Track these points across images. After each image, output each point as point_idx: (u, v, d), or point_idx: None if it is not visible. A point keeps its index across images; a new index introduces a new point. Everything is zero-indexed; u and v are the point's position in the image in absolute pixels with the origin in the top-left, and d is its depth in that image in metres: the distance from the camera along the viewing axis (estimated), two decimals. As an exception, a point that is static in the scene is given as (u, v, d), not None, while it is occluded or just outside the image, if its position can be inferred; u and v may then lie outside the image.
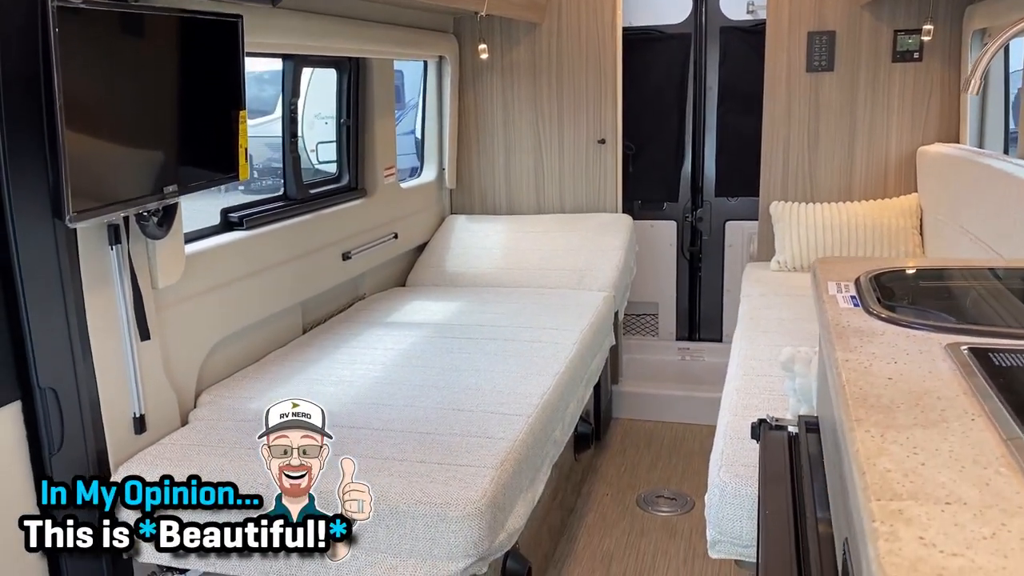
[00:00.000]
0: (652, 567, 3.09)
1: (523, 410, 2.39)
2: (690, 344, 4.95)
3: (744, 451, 2.05)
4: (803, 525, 1.36)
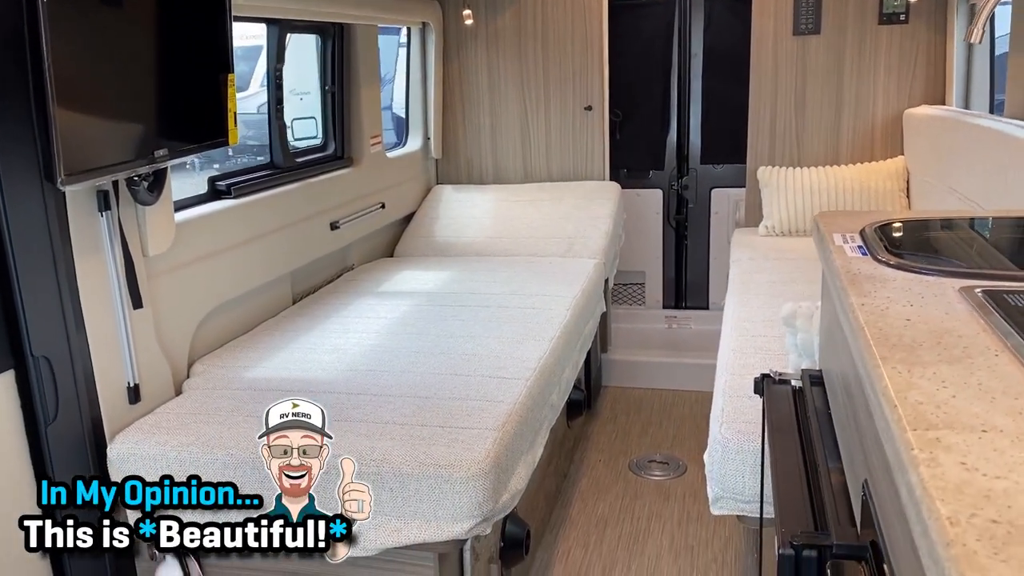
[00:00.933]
0: (647, 530, 3.11)
1: (521, 374, 2.38)
2: (677, 312, 4.97)
3: (744, 409, 2.06)
4: (815, 473, 1.37)
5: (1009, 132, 2.53)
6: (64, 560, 1.99)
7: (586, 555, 2.97)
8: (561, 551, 3.00)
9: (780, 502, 1.28)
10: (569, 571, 2.88)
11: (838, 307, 1.24)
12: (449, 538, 1.90)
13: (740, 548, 2.96)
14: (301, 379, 2.39)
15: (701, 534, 3.07)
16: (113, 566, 2.13)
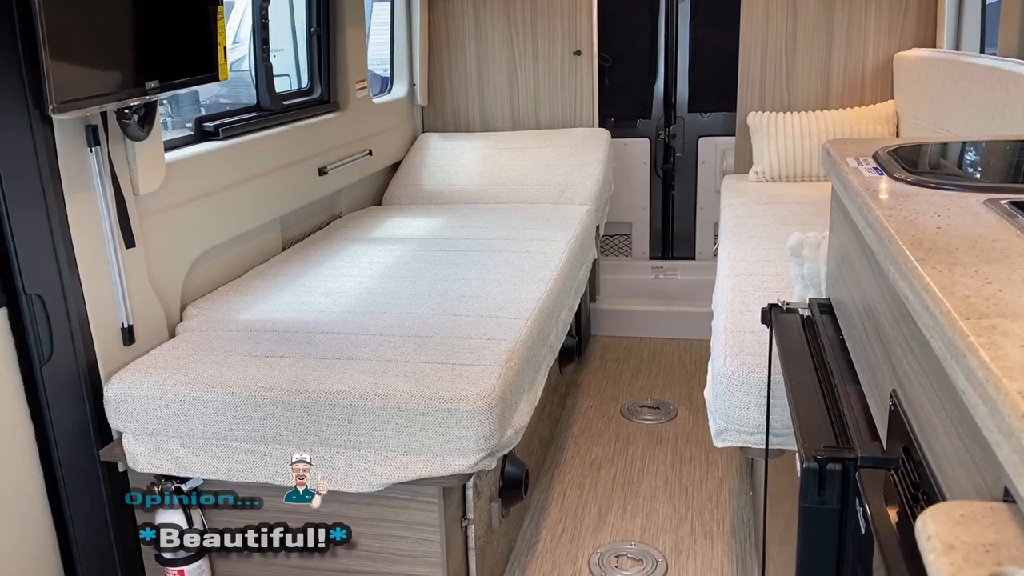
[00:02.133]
0: (641, 472, 3.13)
1: (521, 314, 2.37)
2: (664, 263, 4.97)
3: (746, 343, 2.06)
4: (831, 394, 1.37)
5: (1005, 68, 2.52)
6: (58, 473, 1.97)
7: (582, 496, 2.99)
8: (557, 493, 3.02)
9: (800, 421, 1.28)
10: (565, 512, 2.90)
11: (861, 223, 1.23)
12: (456, 472, 1.89)
13: (734, 487, 3.00)
14: (297, 320, 2.36)
15: (695, 475, 3.10)
16: (111, 503, 2.11)
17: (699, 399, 3.69)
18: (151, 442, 2.02)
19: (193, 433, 1.99)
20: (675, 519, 2.83)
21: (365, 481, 1.92)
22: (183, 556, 2.09)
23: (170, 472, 2.03)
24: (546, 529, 2.81)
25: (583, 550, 2.69)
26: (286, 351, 2.14)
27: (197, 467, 2.01)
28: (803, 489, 1.17)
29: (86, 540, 2.03)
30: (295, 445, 1.95)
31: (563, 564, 2.63)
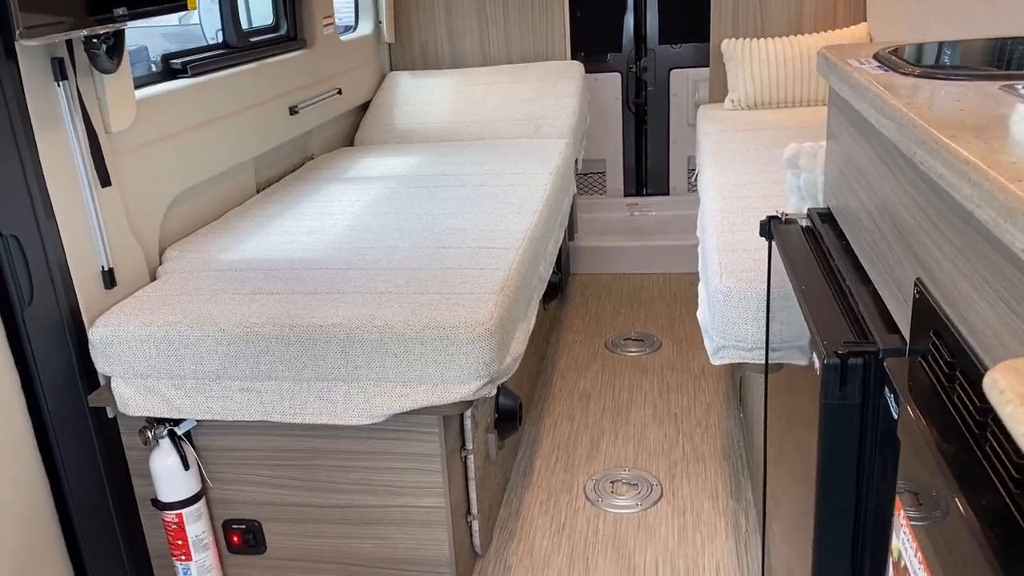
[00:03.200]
0: (629, 401, 3.15)
1: (511, 244, 2.34)
2: (638, 199, 4.96)
3: (740, 261, 2.05)
4: (842, 296, 1.37)
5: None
6: (49, 430, 1.92)
7: (572, 427, 3.01)
8: (548, 424, 3.03)
9: (816, 321, 1.28)
10: (557, 443, 2.91)
11: (874, 116, 1.21)
12: (457, 399, 1.87)
13: (722, 411, 3.03)
14: (283, 258, 2.31)
15: (683, 402, 3.12)
16: (103, 450, 2.06)
17: (681, 330, 3.71)
18: (141, 385, 1.97)
19: (184, 374, 1.94)
20: (666, 444, 2.86)
21: (365, 413, 1.89)
22: (180, 499, 2.05)
23: (162, 414, 1.98)
24: (539, 460, 2.82)
25: (578, 478, 2.71)
26: (274, 288, 2.09)
27: (190, 408, 1.96)
28: (824, 386, 1.17)
29: (79, 488, 1.99)
30: (291, 381, 1.92)
31: (559, 492, 2.65)
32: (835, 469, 1.20)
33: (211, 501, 2.16)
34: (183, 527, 2.07)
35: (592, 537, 2.43)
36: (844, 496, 1.21)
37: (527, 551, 2.39)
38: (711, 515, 2.49)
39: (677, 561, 2.31)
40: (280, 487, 2.12)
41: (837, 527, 1.22)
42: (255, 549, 2.19)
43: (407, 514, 2.09)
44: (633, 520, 2.49)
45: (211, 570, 2.14)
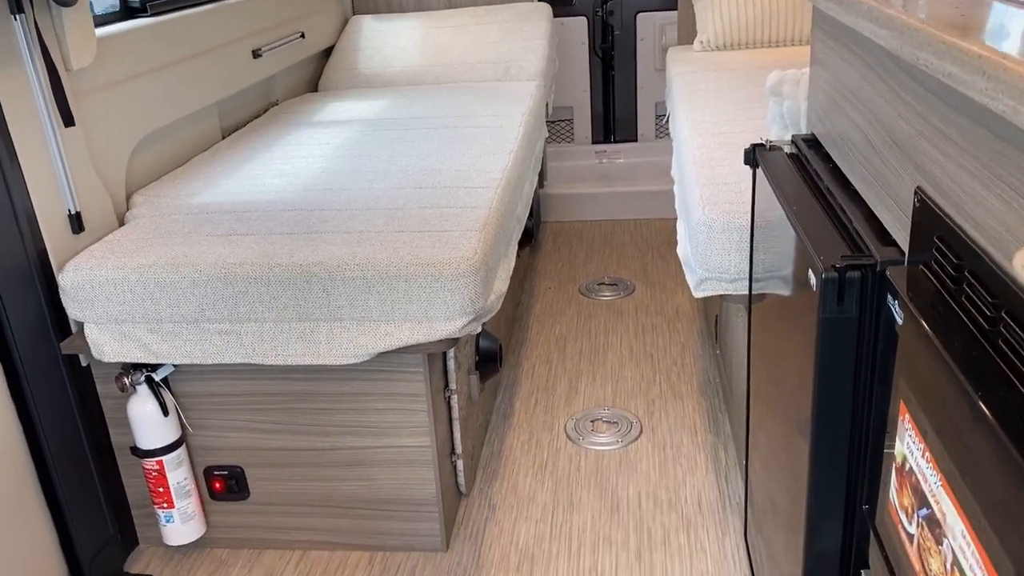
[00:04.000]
0: (605, 344, 3.17)
1: (489, 183, 2.31)
2: (607, 146, 4.93)
3: (721, 194, 2.05)
4: (834, 215, 1.37)
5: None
6: (23, 379, 1.86)
7: (550, 370, 3.01)
8: (526, 368, 3.03)
9: (810, 238, 1.28)
10: (536, 385, 2.92)
11: (870, 29, 1.20)
12: (442, 337, 1.85)
13: (697, 351, 3.06)
14: (255, 201, 2.25)
15: (658, 342, 3.14)
16: (78, 400, 2.01)
17: (654, 274, 3.73)
18: (116, 330, 1.91)
19: (161, 317, 1.89)
20: (644, 384, 2.88)
21: (349, 353, 1.87)
22: (160, 446, 2.02)
23: (139, 360, 1.94)
24: (519, 402, 2.83)
25: (558, 418, 2.72)
26: (249, 229, 2.04)
27: (168, 352, 1.92)
28: (822, 301, 1.17)
29: (56, 438, 1.94)
30: (272, 322, 1.88)
31: (540, 432, 2.66)
32: (832, 385, 1.21)
33: (191, 448, 2.13)
34: (164, 474, 2.03)
35: (575, 474, 2.45)
36: (841, 411, 1.22)
37: (511, 489, 2.40)
38: (691, 449, 2.52)
39: (659, 493, 2.34)
40: (262, 432, 2.09)
41: (834, 441, 1.24)
42: (238, 495, 2.17)
43: (392, 455, 2.08)
44: (614, 456, 2.52)
45: (194, 517, 2.12)
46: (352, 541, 2.19)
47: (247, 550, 2.23)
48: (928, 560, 0.92)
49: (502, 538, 2.21)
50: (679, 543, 2.16)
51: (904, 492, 1.01)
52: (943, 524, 0.88)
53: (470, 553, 2.17)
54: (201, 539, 2.18)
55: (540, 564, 2.11)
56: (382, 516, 2.15)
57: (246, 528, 2.21)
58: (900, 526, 1.02)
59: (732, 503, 2.28)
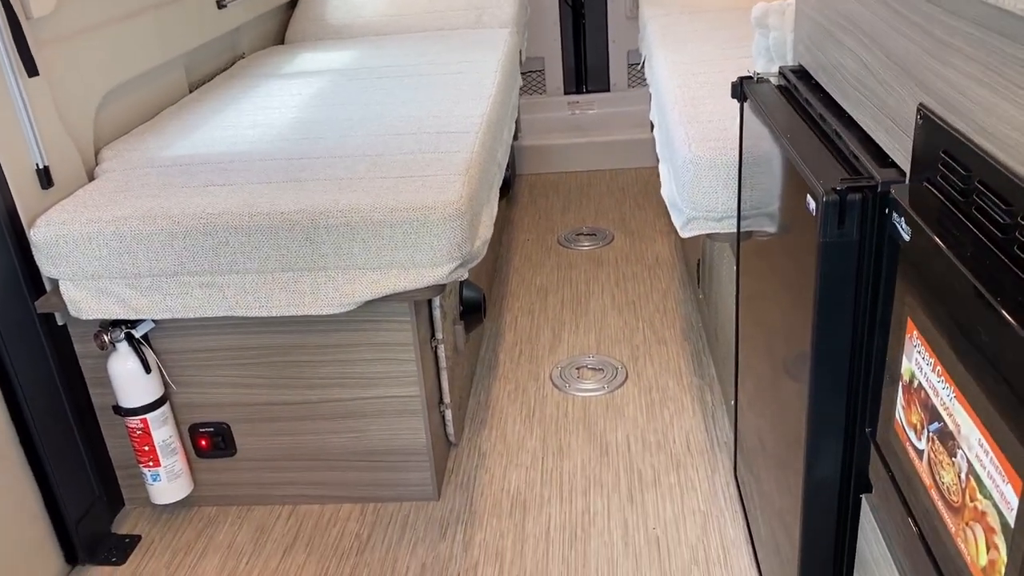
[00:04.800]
0: (587, 292, 3.16)
1: (469, 128, 2.26)
2: (579, 97, 4.88)
3: (707, 131, 2.03)
4: (830, 140, 1.35)
5: None
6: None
7: (533, 320, 3.00)
8: (508, 320, 3.02)
9: (808, 163, 1.26)
10: (519, 336, 2.91)
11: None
12: (430, 283, 1.82)
13: (679, 296, 3.06)
14: (230, 152, 2.19)
15: (639, 290, 3.14)
16: (56, 360, 1.96)
17: (632, 223, 3.71)
18: (93, 286, 1.86)
19: (139, 272, 1.84)
20: (627, 331, 2.88)
21: (335, 302, 1.83)
22: (143, 404, 1.98)
23: (118, 316, 1.89)
24: (503, 353, 2.82)
25: (543, 367, 2.72)
26: (227, 179, 1.99)
27: (148, 308, 1.87)
28: (822, 225, 1.16)
29: (36, 401, 1.89)
30: (254, 273, 1.84)
31: (526, 382, 2.65)
32: (832, 310, 1.20)
33: (175, 406, 2.09)
34: (149, 432, 2.00)
35: (563, 420, 2.45)
36: (842, 336, 1.22)
37: (500, 437, 2.40)
38: (676, 392, 2.53)
39: (648, 436, 2.35)
40: (247, 387, 2.06)
41: (835, 366, 1.24)
42: (224, 452, 2.14)
43: (381, 405, 2.06)
44: (601, 402, 2.52)
45: (181, 475, 2.09)
46: (343, 494, 2.17)
47: (236, 507, 2.21)
48: (940, 473, 0.93)
49: (493, 485, 2.21)
50: (669, 483, 2.17)
51: (912, 409, 1.01)
52: (956, 436, 0.88)
53: (462, 501, 2.17)
54: (188, 498, 2.16)
55: (533, 509, 2.12)
56: (372, 467, 2.14)
57: (234, 485, 2.19)
58: (908, 444, 1.02)
59: (720, 442, 2.30)
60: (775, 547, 1.77)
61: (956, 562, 0.90)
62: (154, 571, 2.02)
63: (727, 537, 1.99)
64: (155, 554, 2.07)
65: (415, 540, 2.05)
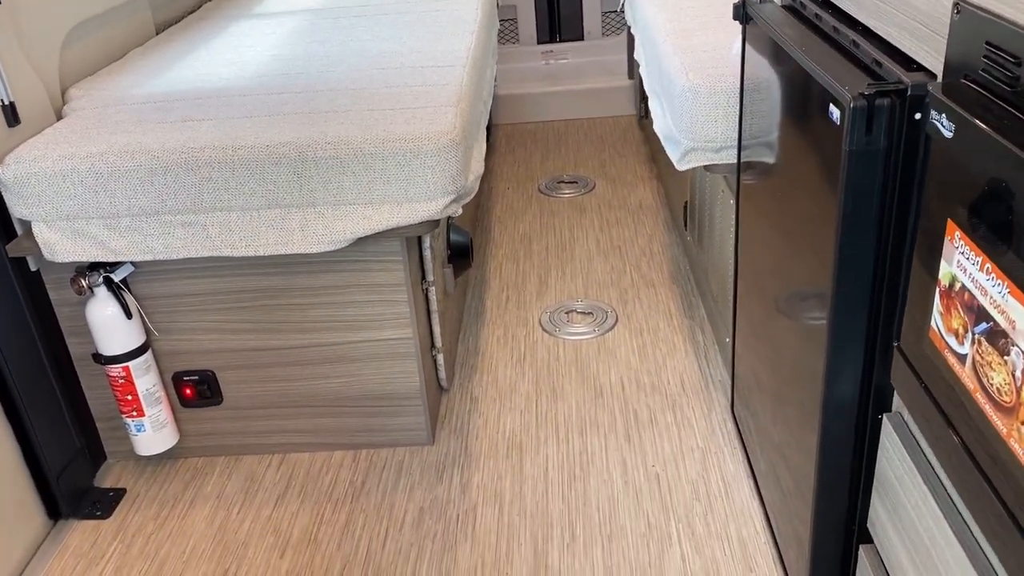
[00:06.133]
0: (571, 239, 3.11)
1: (455, 62, 2.18)
2: (553, 46, 4.79)
3: (703, 60, 1.97)
4: (846, 49, 1.31)
5: None
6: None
7: (518, 267, 2.95)
8: (493, 267, 2.97)
9: (829, 71, 1.21)
10: (506, 282, 2.86)
11: None
12: (424, 218, 1.76)
13: (665, 240, 3.03)
14: (206, 89, 2.09)
15: (624, 235, 3.10)
16: (31, 308, 1.87)
17: (613, 170, 3.66)
18: (68, 227, 1.77)
19: (118, 211, 1.75)
20: (615, 275, 2.85)
21: (326, 239, 1.76)
22: (125, 351, 1.90)
23: (96, 258, 1.80)
24: (490, 300, 2.77)
25: (531, 312, 2.67)
26: (206, 115, 1.89)
27: (127, 249, 1.78)
28: (849, 133, 1.12)
29: (11, 350, 1.80)
30: (239, 210, 1.76)
31: (515, 327, 2.61)
32: (857, 222, 1.17)
33: (157, 354, 2.01)
34: (131, 381, 1.92)
35: (554, 363, 2.41)
36: (865, 249, 1.18)
37: (491, 381, 2.36)
38: (668, 333, 2.51)
39: (642, 377, 2.32)
40: (233, 332, 1.99)
41: (858, 282, 1.20)
42: (211, 401, 2.07)
43: (374, 349, 2.00)
44: (592, 345, 2.49)
45: (166, 425, 2.02)
46: (334, 440, 2.12)
47: (223, 457, 2.15)
48: (988, 376, 0.90)
49: (488, 428, 2.17)
50: (666, 422, 2.15)
51: (952, 314, 0.98)
52: (1011, 333, 0.85)
53: (457, 445, 2.12)
54: (173, 449, 2.09)
55: (529, 450, 2.09)
56: (365, 413, 2.09)
57: (221, 435, 2.12)
58: (947, 351, 0.99)
59: (714, 381, 2.28)
60: (775, 479, 1.76)
61: (1007, 465, 0.87)
62: (141, 524, 1.96)
63: (727, 472, 1.97)
64: (141, 507, 2.01)
65: (411, 484, 2.01)
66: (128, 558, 1.87)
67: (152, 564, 1.85)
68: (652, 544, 1.79)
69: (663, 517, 1.85)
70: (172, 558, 1.86)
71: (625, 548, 1.78)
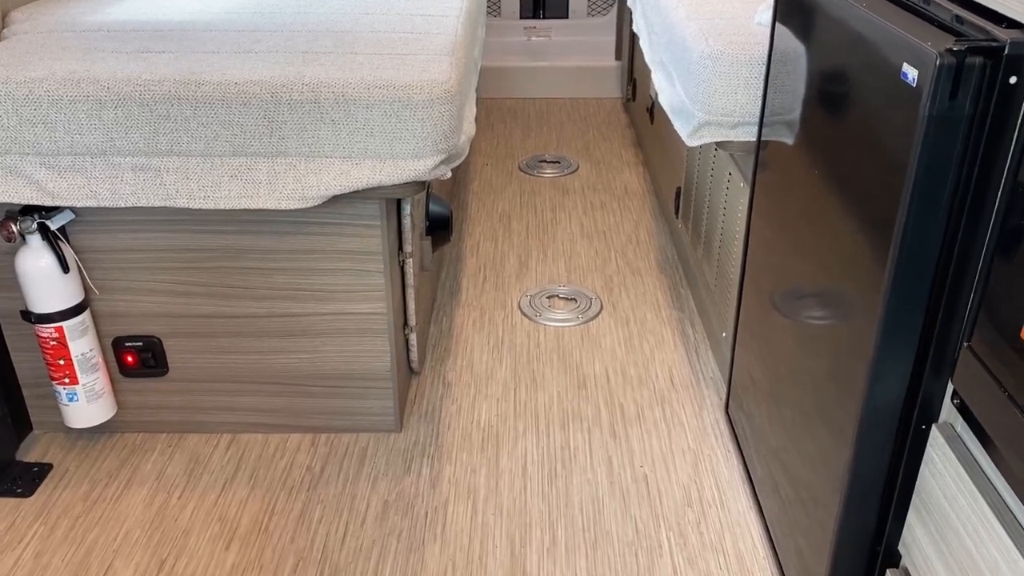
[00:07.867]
0: (554, 220, 2.94)
1: (448, 12, 1.99)
2: (536, 23, 4.60)
3: (722, 27, 1.81)
4: (922, 12, 1.15)
5: None
6: None
7: (497, 247, 2.77)
8: (469, 245, 2.78)
9: (903, 28, 1.05)
10: (483, 262, 2.67)
11: None
12: (410, 178, 1.56)
13: (652, 228, 2.87)
14: (167, 21, 1.86)
15: (609, 220, 2.94)
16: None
17: (597, 152, 3.49)
18: (-2, 163, 1.54)
19: (59, 149, 1.52)
20: (599, 261, 2.68)
21: (296, 195, 1.56)
22: (59, 309, 1.67)
23: (30, 201, 1.56)
24: (466, 280, 2.58)
25: (510, 295, 2.49)
26: (166, 47, 1.67)
27: (67, 193, 1.56)
28: (931, 95, 0.96)
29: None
30: (199, 156, 1.54)
31: (492, 310, 2.43)
32: (928, 200, 1.01)
33: (97, 315, 1.79)
34: (65, 343, 1.70)
35: (535, 350, 2.24)
36: (933, 233, 1.02)
37: (466, 366, 2.17)
38: (656, 325, 2.35)
39: (628, 369, 2.16)
40: (184, 296, 1.77)
41: (920, 273, 1.05)
42: (155, 371, 1.85)
43: (341, 323, 1.80)
44: (575, 333, 2.32)
45: (103, 395, 1.80)
46: (291, 422, 1.92)
47: (166, 434, 1.93)
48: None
49: (462, 417, 1.99)
50: (654, 418, 1.99)
51: (1059, 310, 0.82)
52: None
53: (427, 433, 1.94)
54: (110, 422, 1.87)
55: (507, 443, 1.91)
56: (326, 393, 1.89)
57: (165, 409, 1.91)
58: (1046, 353, 0.84)
59: (706, 378, 2.13)
60: (774, 486, 1.61)
61: None
62: (68, 503, 1.74)
63: (721, 476, 1.82)
64: (69, 484, 1.79)
65: (375, 474, 1.82)
66: (51, 543, 1.65)
67: (78, 550, 1.63)
68: (641, 553, 1.62)
69: (652, 524, 1.69)
70: (101, 544, 1.64)
71: (611, 556, 1.61)
